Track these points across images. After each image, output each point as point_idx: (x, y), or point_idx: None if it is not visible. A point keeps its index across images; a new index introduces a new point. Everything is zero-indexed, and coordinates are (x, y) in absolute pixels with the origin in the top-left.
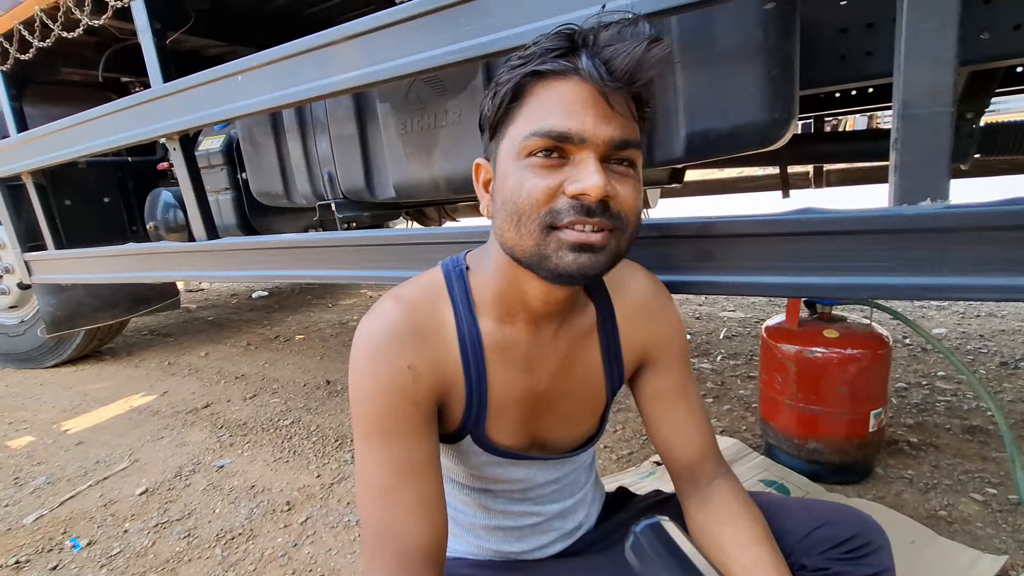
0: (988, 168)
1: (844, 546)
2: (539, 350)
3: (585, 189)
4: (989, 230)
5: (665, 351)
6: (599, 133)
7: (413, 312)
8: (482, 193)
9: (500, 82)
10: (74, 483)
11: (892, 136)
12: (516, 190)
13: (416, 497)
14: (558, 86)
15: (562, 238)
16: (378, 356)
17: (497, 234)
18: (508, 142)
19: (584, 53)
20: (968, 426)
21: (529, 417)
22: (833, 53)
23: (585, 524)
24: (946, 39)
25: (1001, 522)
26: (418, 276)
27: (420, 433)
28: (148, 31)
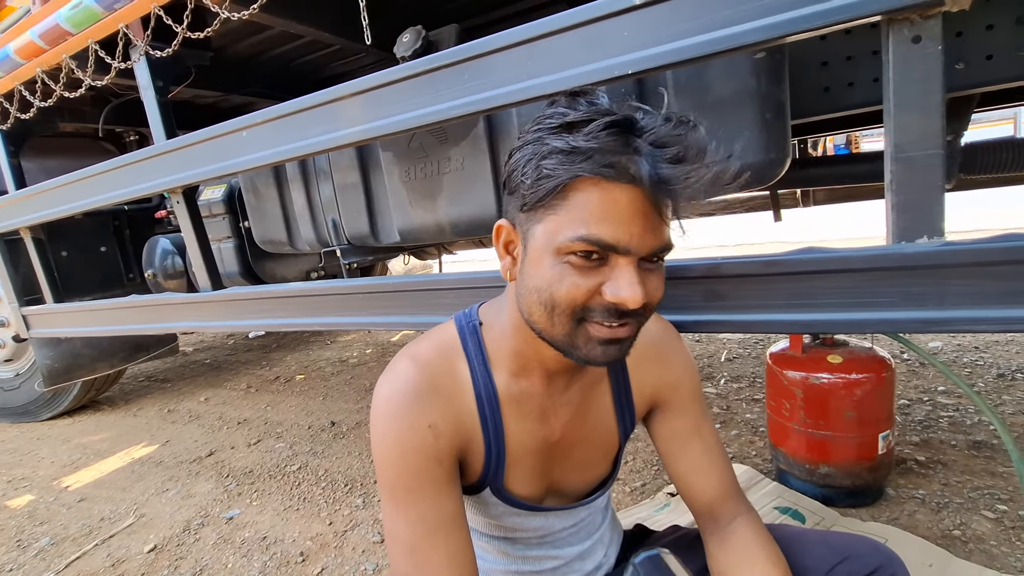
0: (971, 183)
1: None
2: (553, 401)
3: (624, 301)
4: (985, 265)
5: (676, 393)
6: (644, 245)
7: (430, 371)
8: (502, 254)
9: (545, 170)
10: (79, 543)
11: (886, 177)
12: (555, 284)
13: (446, 553)
14: (611, 189)
15: (592, 334)
16: (399, 416)
17: (523, 310)
18: (547, 231)
19: (644, 161)
20: (973, 441)
21: (545, 465)
22: (817, 85)
23: (604, 565)
24: (932, 88)
25: (1015, 539)
26: (431, 332)
27: (444, 489)
28: (151, 88)
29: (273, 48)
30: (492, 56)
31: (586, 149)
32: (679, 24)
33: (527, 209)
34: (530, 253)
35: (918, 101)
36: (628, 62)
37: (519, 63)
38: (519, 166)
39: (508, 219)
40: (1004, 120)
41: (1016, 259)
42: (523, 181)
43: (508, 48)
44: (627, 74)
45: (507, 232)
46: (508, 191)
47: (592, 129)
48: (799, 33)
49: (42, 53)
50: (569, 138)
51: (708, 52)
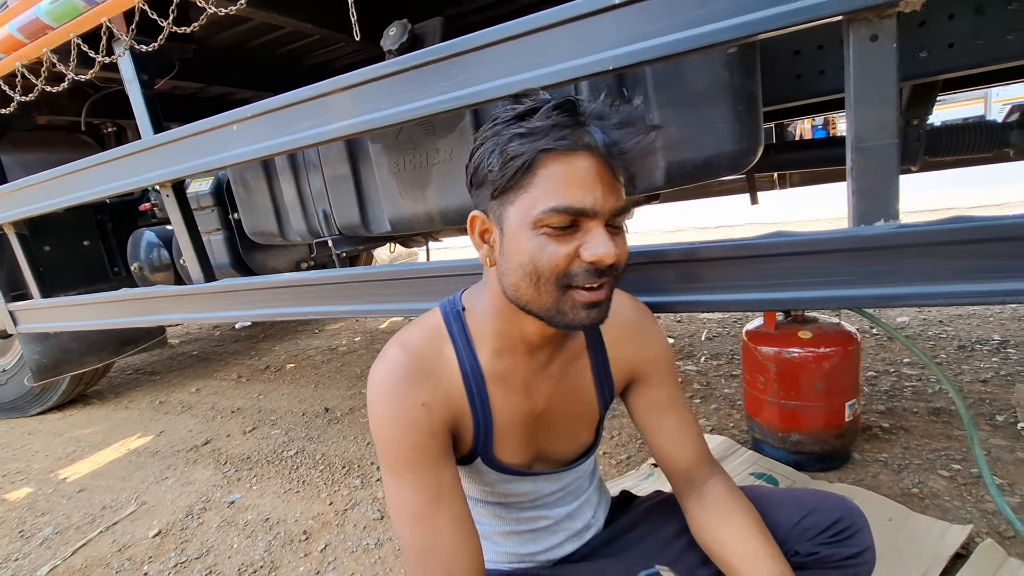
0: (936, 164)
1: (830, 531)
2: (535, 376)
3: (600, 257)
4: (936, 245)
5: (652, 367)
6: (607, 205)
7: (419, 354)
8: (479, 243)
9: (510, 153)
10: (83, 531)
11: (848, 165)
12: (537, 255)
13: (450, 517)
14: (571, 161)
15: (576, 298)
16: (393, 398)
17: (509, 289)
18: (520, 210)
19: (595, 129)
20: (933, 408)
21: (531, 435)
22: (789, 73)
23: (593, 525)
24: (887, 83)
25: (966, 495)
26: (418, 320)
27: (441, 461)
28: (136, 82)
29: (254, 38)
30: (478, 52)
31: (543, 127)
32: (657, 22)
33: (498, 194)
34: (507, 234)
35: (875, 94)
36: (609, 58)
37: (504, 59)
38: (483, 159)
39: (480, 210)
40: (975, 100)
41: (963, 239)
42: (490, 170)
43: (494, 44)
44: (608, 70)
45: (481, 222)
46: (475, 185)
47: (543, 112)
48: (766, 32)
49: (21, 47)
50: (524, 123)
51: (684, 49)
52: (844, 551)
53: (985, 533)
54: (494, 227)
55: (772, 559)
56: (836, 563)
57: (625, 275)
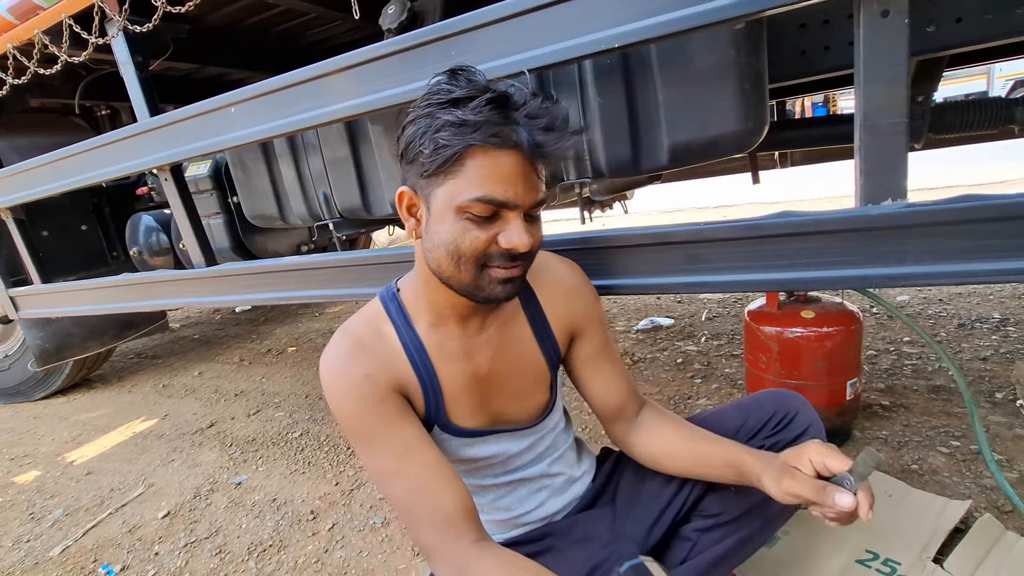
0: (940, 141)
1: (768, 424)
2: (472, 341)
3: (515, 246)
4: (942, 224)
5: (587, 322)
6: (527, 200)
7: (357, 334)
8: (406, 216)
9: (441, 141)
10: (93, 513)
11: (855, 144)
12: (459, 238)
13: (424, 465)
14: (497, 156)
15: (493, 275)
16: (339, 376)
17: (432, 263)
18: (447, 194)
19: (523, 129)
20: (933, 386)
21: (482, 399)
22: (794, 49)
23: (577, 480)
24: (898, 60)
25: (965, 471)
26: (359, 310)
27: (399, 421)
28: (130, 64)
29: (249, 17)
30: (479, 31)
31: (474, 122)
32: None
33: (427, 175)
34: (433, 213)
35: (885, 72)
36: (614, 36)
37: (505, 37)
38: (416, 139)
39: (409, 185)
40: (978, 75)
41: (970, 218)
42: (421, 151)
43: (495, 23)
44: (613, 48)
45: (409, 197)
46: (406, 161)
47: (477, 104)
48: (776, 8)
49: (13, 28)
50: (458, 112)
51: (691, 25)
52: (789, 434)
53: (983, 508)
54: (421, 204)
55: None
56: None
57: (630, 257)
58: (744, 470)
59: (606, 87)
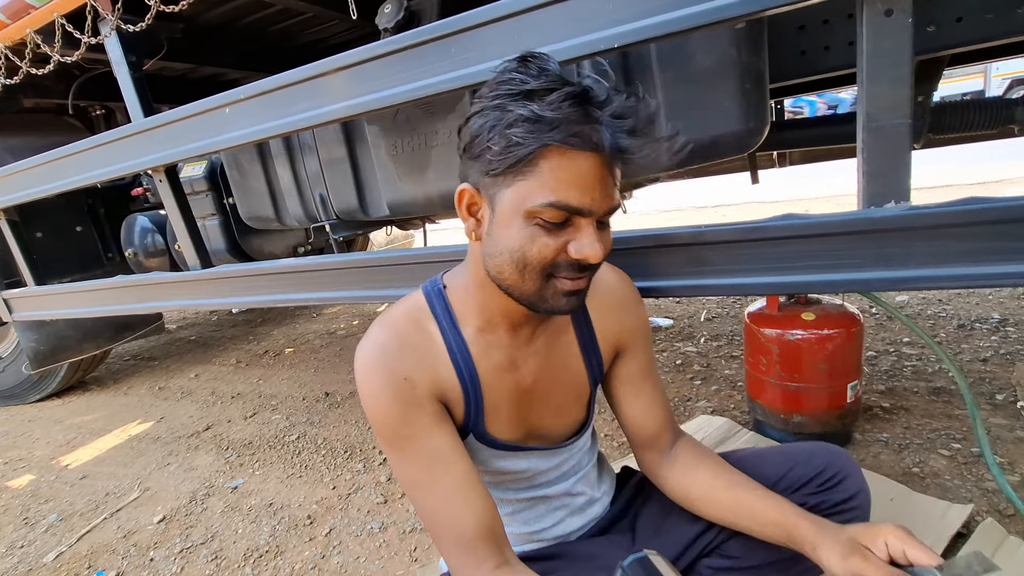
0: (940, 141)
1: (815, 480)
2: (520, 351)
3: (587, 257)
4: (947, 227)
5: (635, 337)
6: (603, 207)
7: (400, 331)
8: (466, 216)
9: (514, 139)
10: (87, 517)
11: (858, 145)
12: (526, 245)
13: (449, 483)
14: (575, 158)
15: (558, 287)
16: (377, 374)
17: (492, 268)
18: (517, 195)
19: (605, 131)
20: (933, 388)
21: (521, 411)
22: (793, 49)
23: (597, 501)
24: (901, 60)
25: (966, 473)
26: (400, 301)
27: (434, 430)
28: (124, 64)
29: (244, 16)
30: (479, 30)
31: (552, 119)
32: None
33: (494, 174)
34: (498, 216)
35: (889, 72)
36: (614, 36)
37: (506, 37)
38: (483, 132)
39: (471, 183)
40: (975, 75)
41: (975, 220)
42: (489, 147)
43: (495, 21)
44: (613, 47)
45: (470, 195)
46: (469, 155)
47: (555, 99)
48: (778, 7)
49: (4, 28)
50: (533, 106)
51: (692, 25)
52: (835, 496)
53: (985, 512)
54: (484, 204)
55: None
56: (828, 509)
57: (631, 259)
58: (796, 535)
59: None
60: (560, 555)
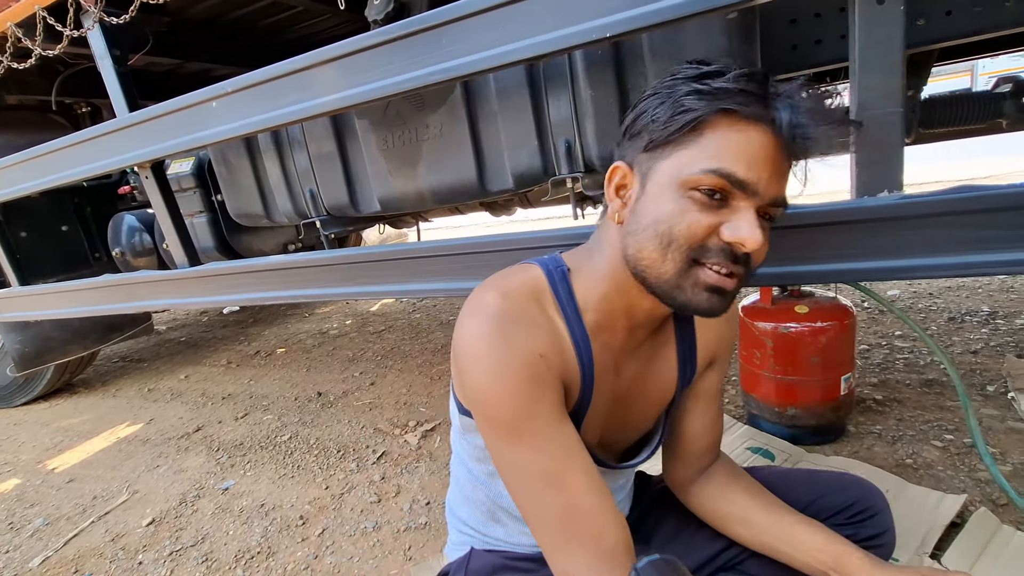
0: (930, 136)
1: (846, 512)
2: (625, 356)
3: (744, 241)
4: (940, 216)
5: (725, 352)
6: (770, 190)
7: (526, 306)
8: (612, 196)
9: (684, 105)
10: (74, 521)
11: (851, 135)
12: (676, 218)
13: (585, 477)
14: (747, 130)
15: (701, 277)
16: (505, 347)
17: (630, 248)
18: (674, 165)
19: (782, 106)
20: (925, 380)
21: (606, 417)
22: (785, 43)
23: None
24: (893, 50)
25: (959, 464)
26: (512, 271)
27: (563, 415)
28: (108, 58)
29: (233, 10)
30: (469, 20)
31: (728, 89)
32: None
33: (652, 147)
34: (649, 189)
35: (881, 62)
36: (607, 25)
37: (498, 26)
38: (649, 108)
39: (625, 161)
40: (962, 72)
41: (967, 209)
42: (654, 119)
43: (485, 11)
44: (605, 37)
45: (622, 174)
46: (628, 136)
47: (732, 76)
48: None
49: None
50: (708, 81)
51: (684, 14)
52: (864, 531)
53: (979, 501)
54: (634, 181)
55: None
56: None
57: None
58: (845, 563)
59: (598, 79)
60: None
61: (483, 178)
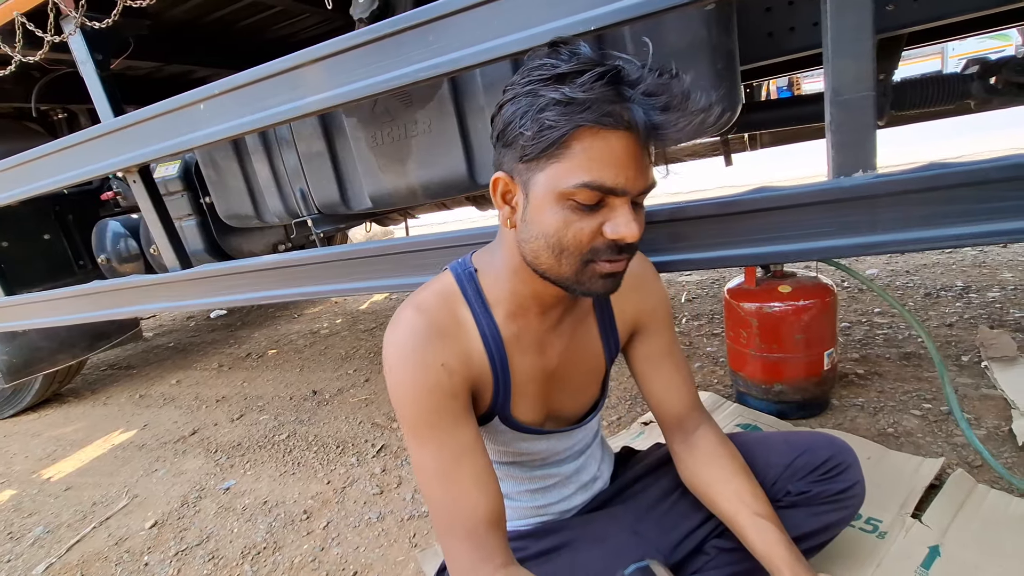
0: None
1: (820, 468)
2: (547, 334)
3: (623, 236)
4: (911, 192)
5: (652, 318)
6: (638, 186)
7: (434, 316)
8: (500, 204)
9: (546, 122)
10: (75, 528)
11: (826, 118)
12: (561, 230)
13: (471, 475)
14: (608, 137)
15: (597, 270)
16: (412, 361)
17: (528, 254)
18: (549, 179)
19: (637, 108)
20: (904, 353)
21: (544, 393)
22: (760, 31)
23: (599, 477)
24: (863, 36)
25: (937, 431)
26: (429, 283)
27: (461, 421)
28: (90, 63)
29: (211, 12)
30: (456, 16)
31: (584, 100)
32: None
33: (527, 160)
34: (532, 201)
35: (852, 47)
36: (590, 19)
37: (483, 23)
38: (515, 119)
39: (505, 171)
40: (933, 55)
41: (937, 185)
42: (522, 133)
43: (471, 8)
44: (589, 30)
45: (504, 184)
46: (503, 144)
47: (586, 80)
48: None
49: None
50: (564, 89)
51: (665, 6)
52: (835, 487)
53: (956, 464)
54: (518, 190)
55: (752, 496)
56: (827, 499)
57: None
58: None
59: None
60: (564, 528)
61: (473, 172)
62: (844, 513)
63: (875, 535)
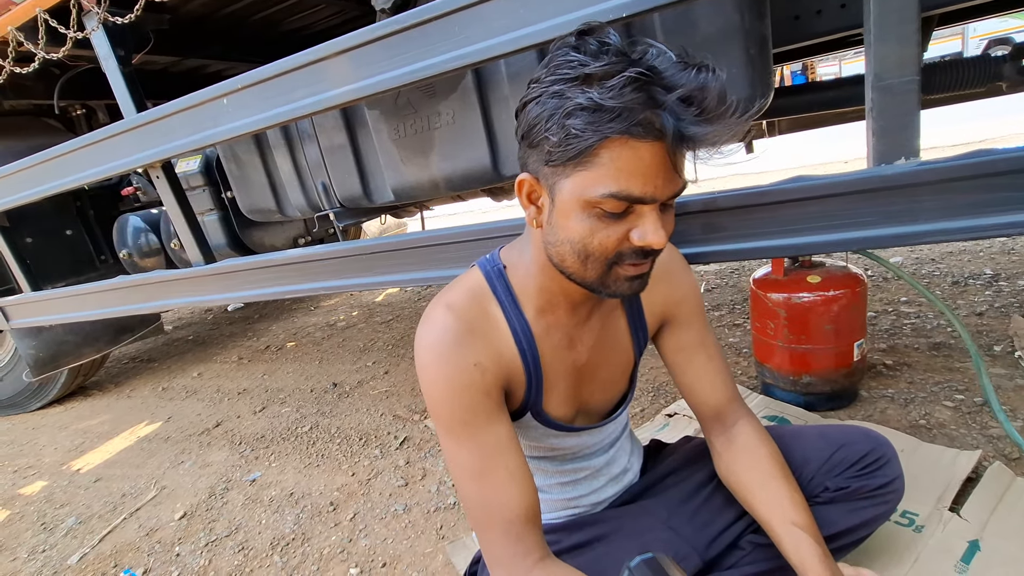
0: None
1: (859, 464)
2: (577, 329)
3: (650, 244)
4: (955, 181)
5: (682, 309)
6: (666, 192)
7: (465, 315)
8: (526, 204)
9: (573, 130)
10: (106, 519)
11: (867, 104)
12: (587, 237)
13: (507, 472)
14: (638, 147)
15: (621, 273)
16: (445, 360)
17: (554, 256)
18: (576, 185)
19: (669, 117)
20: (933, 343)
21: (575, 388)
22: (788, 14)
23: (630, 470)
24: (908, 18)
25: (971, 422)
26: (458, 280)
27: (495, 418)
28: (112, 59)
29: (228, 4)
30: (483, 5)
31: (613, 108)
32: None
33: (553, 164)
34: (558, 205)
35: (896, 30)
36: (619, 6)
37: (510, 11)
38: (541, 121)
39: (530, 172)
40: (953, 36)
41: (982, 173)
42: (547, 138)
43: None
44: (621, 17)
45: (529, 185)
46: (528, 144)
47: (615, 85)
48: None
49: None
50: (593, 93)
51: None
52: (874, 482)
53: (992, 456)
54: (544, 192)
55: (790, 501)
56: (866, 494)
57: None
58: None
59: None
60: (598, 521)
61: (497, 163)
62: (883, 508)
63: (912, 529)
